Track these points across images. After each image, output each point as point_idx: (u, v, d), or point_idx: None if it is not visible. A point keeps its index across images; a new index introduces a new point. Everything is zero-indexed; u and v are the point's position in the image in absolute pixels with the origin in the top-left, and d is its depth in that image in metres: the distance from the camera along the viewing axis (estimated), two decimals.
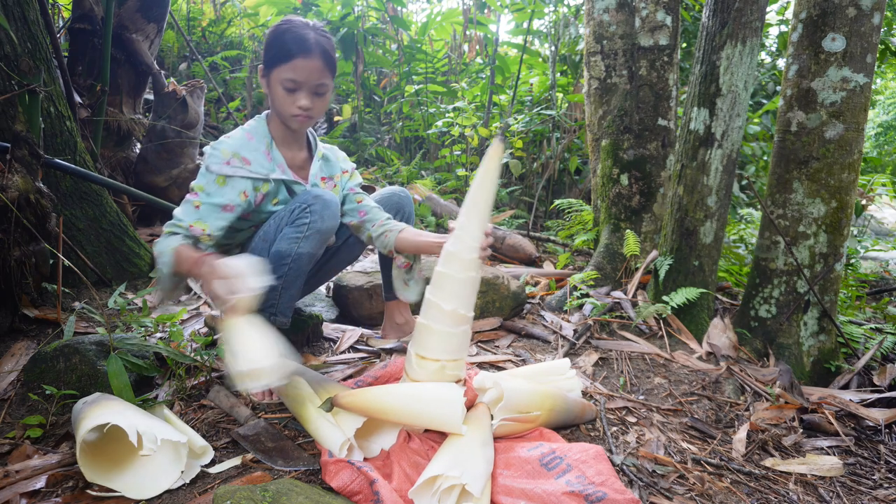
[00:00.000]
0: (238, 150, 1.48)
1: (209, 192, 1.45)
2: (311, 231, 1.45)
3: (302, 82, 1.46)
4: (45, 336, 1.74)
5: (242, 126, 1.57)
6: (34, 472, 1.16)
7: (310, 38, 1.45)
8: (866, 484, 1.47)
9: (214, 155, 1.47)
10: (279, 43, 1.45)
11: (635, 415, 1.63)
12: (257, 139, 1.53)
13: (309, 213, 1.45)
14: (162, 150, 2.84)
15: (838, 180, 2.00)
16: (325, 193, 1.50)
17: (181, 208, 1.45)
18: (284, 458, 1.25)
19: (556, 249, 3.64)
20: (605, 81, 2.85)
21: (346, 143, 5.22)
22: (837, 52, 1.94)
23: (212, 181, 1.45)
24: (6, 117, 1.74)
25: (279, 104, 1.50)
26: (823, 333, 2.09)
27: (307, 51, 1.44)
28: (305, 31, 1.46)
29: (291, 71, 1.44)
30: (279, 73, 1.46)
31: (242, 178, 1.47)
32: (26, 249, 1.66)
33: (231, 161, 1.46)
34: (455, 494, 1.11)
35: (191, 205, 1.44)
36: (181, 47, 5.50)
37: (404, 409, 1.28)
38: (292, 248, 1.46)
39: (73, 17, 2.72)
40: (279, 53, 1.45)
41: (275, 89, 1.49)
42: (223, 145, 1.48)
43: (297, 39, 1.44)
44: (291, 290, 1.52)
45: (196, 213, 1.44)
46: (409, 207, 1.85)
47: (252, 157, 1.50)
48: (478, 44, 6.03)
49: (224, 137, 1.52)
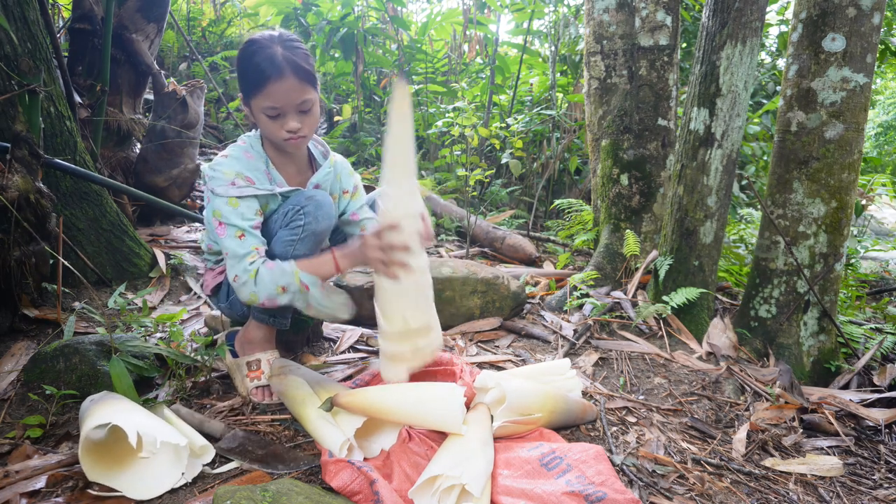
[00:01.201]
0: (241, 171, 1.42)
1: (229, 217, 1.39)
2: (306, 233, 1.43)
3: (282, 106, 1.38)
4: (45, 336, 1.74)
5: (236, 144, 1.49)
6: (34, 472, 1.16)
7: (277, 58, 1.34)
8: (866, 484, 1.47)
9: (216, 178, 1.41)
10: (249, 69, 1.36)
11: (635, 415, 1.63)
12: (256, 158, 1.48)
13: (303, 216, 1.42)
14: (162, 150, 2.84)
15: (838, 180, 2.00)
16: (317, 194, 1.46)
17: (232, 245, 1.39)
18: (282, 461, 1.25)
19: (556, 249, 3.64)
20: (605, 81, 2.85)
21: (346, 143, 5.22)
22: (837, 52, 1.94)
23: (225, 203, 1.40)
24: (6, 117, 1.74)
25: (268, 132, 1.43)
26: (823, 333, 2.09)
27: (278, 73, 1.34)
28: (272, 49, 1.35)
29: (268, 98, 1.36)
30: (257, 103, 1.38)
31: (252, 196, 1.42)
32: (26, 249, 1.66)
33: (235, 181, 1.41)
34: (455, 494, 1.11)
35: (234, 239, 1.39)
36: (181, 47, 5.50)
37: (404, 409, 1.28)
38: (288, 251, 1.43)
39: (73, 17, 2.72)
40: (251, 82, 1.36)
41: (259, 118, 1.41)
42: (223, 167, 1.42)
43: (265, 62, 1.34)
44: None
45: (247, 241, 1.39)
46: None
47: (254, 176, 1.44)
48: (478, 44, 6.03)
49: (221, 158, 1.45)
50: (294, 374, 1.45)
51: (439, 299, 2.18)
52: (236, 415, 1.45)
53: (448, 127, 4.17)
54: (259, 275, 1.37)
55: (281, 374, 1.47)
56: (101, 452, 1.18)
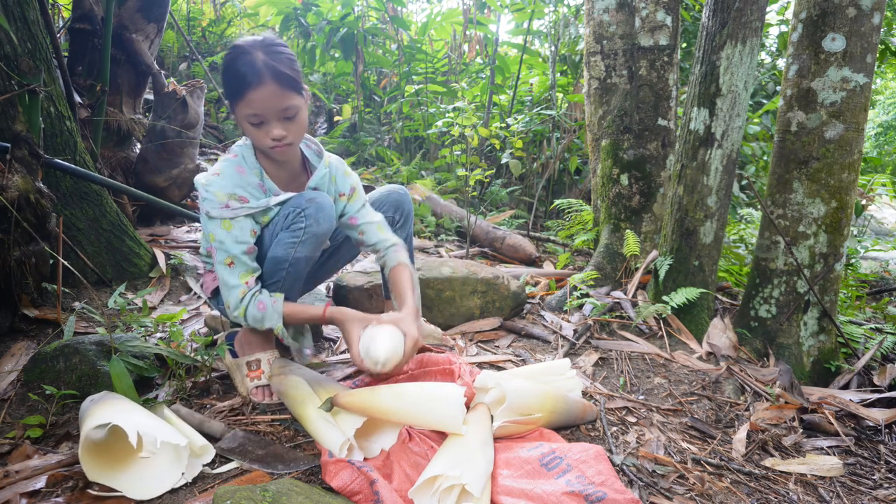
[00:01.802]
0: (233, 191, 1.41)
1: (223, 241, 1.41)
2: (307, 235, 1.42)
3: (263, 113, 1.35)
4: (45, 336, 1.74)
5: (228, 158, 1.47)
6: (34, 472, 1.16)
7: (257, 64, 1.31)
8: (866, 484, 1.47)
9: (209, 199, 1.40)
10: (229, 76, 1.34)
11: (635, 415, 1.63)
12: (248, 171, 1.45)
13: (304, 218, 1.41)
14: (162, 150, 2.84)
15: (838, 180, 2.00)
16: (318, 196, 1.44)
17: (222, 273, 1.43)
18: (282, 461, 1.25)
19: (556, 249, 3.64)
20: (605, 81, 2.85)
21: (346, 143, 5.22)
22: (837, 52, 1.94)
23: (218, 226, 1.41)
24: (6, 117, 1.74)
25: (254, 140, 1.41)
26: (823, 333, 2.09)
27: (257, 79, 1.31)
28: (252, 54, 1.32)
29: (248, 106, 1.34)
30: (240, 110, 1.36)
31: (245, 217, 1.42)
32: (26, 249, 1.66)
33: (229, 204, 1.40)
34: (455, 494, 1.11)
35: (223, 266, 1.42)
36: (181, 47, 5.50)
37: (404, 409, 1.28)
38: (289, 254, 1.43)
39: (73, 17, 2.72)
40: (233, 89, 1.34)
41: (244, 126, 1.39)
42: (215, 187, 1.40)
43: (244, 68, 1.31)
44: (290, 294, 1.52)
45: (236, 269, 1.43)
46: (408, 206, 1.83)
47: (247, 193, 1.44)
48: (478, 44, 6.03)
49: (213, 176, 1.42)
50: (294, 374, 1.45)
51: (439, 299, 2.18)
52: (236, 415, 1.45)
53: (448, 127, 4.17)
54: (248, 312, 1.44)
55: (281, 374, 1.47)
56: (101, 452, 1.18)
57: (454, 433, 1.26)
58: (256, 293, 1.45)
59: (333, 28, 4.85)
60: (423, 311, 2.16)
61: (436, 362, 1.62)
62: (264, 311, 1.44)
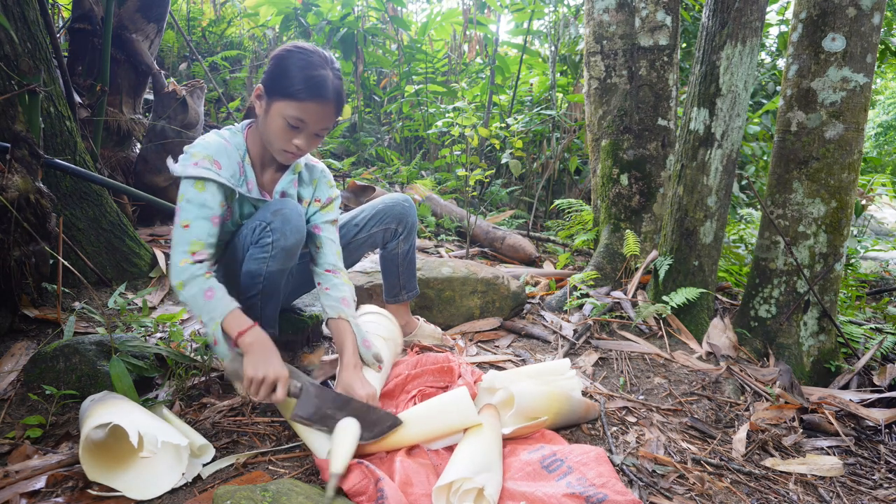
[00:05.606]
0: (211, 154, 1.37)
1: (189, 200, 1.34)
2: (276, 250, 1.40)
3: (308, 124, 1.37)
4: (45, 336, 1.74)
5: (218, 131, 1.46)
6: (34, 472, 1.16)
7: (328, 81, 1.35)
8: (866, 484, 1.47)
9: (185, 157, 1.37)
10: (294, 78, 1.34)
11: (635, 415, 1.63)
12: (233, 147, 1.43)
13: (270, 233, 1.39)
14: (162, 150, 2.84)
15: (838, 180, 2.00)
16: (284, 207, 1.41)
17: (175, 235, 1.34)
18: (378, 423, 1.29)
19: (556, 249, 3.64)
20: (605, 81, 2.85)
21: (346, 143, 5.22)
22: (837, 52, 1.94)
23: (191, 186, 1.35)
24: (6, 117, 1.74)
25: (273, 136, 1.40)
26: (823, 333, 2.09)
27: (324, 96, 1.35)
28: (324, 70, 1.35)
29: (301, 111, 1.35)
30: (285, 108, 1.35)
31: (214, 181, 1.36)
32: (26, 249, 1.66)
33: (200, 162, 1.35)
34: (472, 497, 1.12)
35: (179, 227, 1.33)
36: (181, 47, 5.50)
37: (419, 430, 1.31)
38: (262, 268, 1.42)
39: (73, 17, 2.72)
40: (292, 89, 1.34)
41: (274, 120, 1.38)
42: (195, 148, 1.38)
43: (315, 81, 1.34)
44: (271, 303, 1.51)
45: (191, 233, 1.33)
46: (412, 218, 1.80)
47: (225, 162, 1.39)
48: (478, 44, 6.03)
49: (199, 139, 1.41)
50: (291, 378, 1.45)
51: (439, 299, 2.18)
52: (236, 415, 1.45)
53: (448, 127, 4.17)
54: (186, 288, 1.31)
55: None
56: (102, 452, 1.18)
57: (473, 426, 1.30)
58: (207, 275, 1.33)
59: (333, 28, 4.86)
60: (423, 312, 2.17)
61: (434, 361, 1.62)
62: (210, 301, 1.31)
